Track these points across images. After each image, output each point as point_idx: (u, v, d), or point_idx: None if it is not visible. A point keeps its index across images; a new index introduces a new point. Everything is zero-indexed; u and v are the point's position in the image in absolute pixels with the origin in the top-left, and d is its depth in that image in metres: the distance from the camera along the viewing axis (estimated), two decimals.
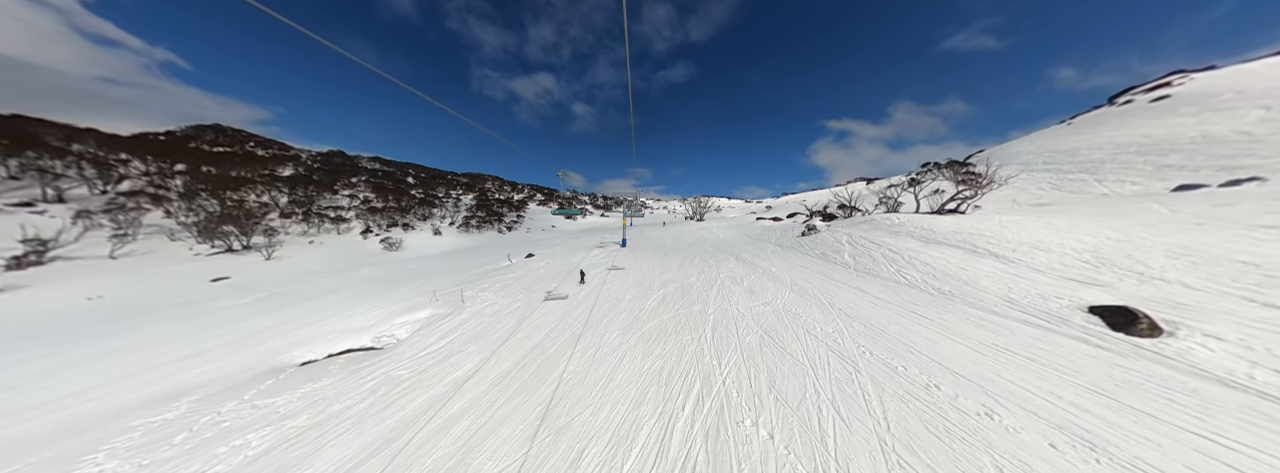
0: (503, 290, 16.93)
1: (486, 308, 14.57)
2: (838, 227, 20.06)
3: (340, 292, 24.05)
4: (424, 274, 28.07)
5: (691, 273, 15.65)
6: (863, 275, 12.61)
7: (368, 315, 17.77)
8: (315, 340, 15.46)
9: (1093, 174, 27.80)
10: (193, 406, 8.35)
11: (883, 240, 15.64)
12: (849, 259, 14.66)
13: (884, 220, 18.75)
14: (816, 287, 11.86)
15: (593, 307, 12.29)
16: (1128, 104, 41.08)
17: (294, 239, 46.42)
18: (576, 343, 9.31)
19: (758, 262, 16.73)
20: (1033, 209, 22.23)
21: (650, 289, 13.57)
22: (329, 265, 35.46)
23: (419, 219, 60.80)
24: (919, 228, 16.39)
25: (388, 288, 23.58)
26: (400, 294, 21.11)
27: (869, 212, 23.32)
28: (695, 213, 53.11)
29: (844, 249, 15.98)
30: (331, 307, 20.43)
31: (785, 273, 14.05)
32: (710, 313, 10.20)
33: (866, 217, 21.24)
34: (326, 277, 30.11)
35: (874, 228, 18.17)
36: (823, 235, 19.10)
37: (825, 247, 17.18)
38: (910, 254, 13.40)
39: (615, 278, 16.19)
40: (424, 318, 15.83)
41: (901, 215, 19.15)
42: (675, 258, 19.97)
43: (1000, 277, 10.52)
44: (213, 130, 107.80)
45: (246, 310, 21.23)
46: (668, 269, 16.94)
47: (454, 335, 12.41)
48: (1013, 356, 6.60)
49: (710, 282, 13.82)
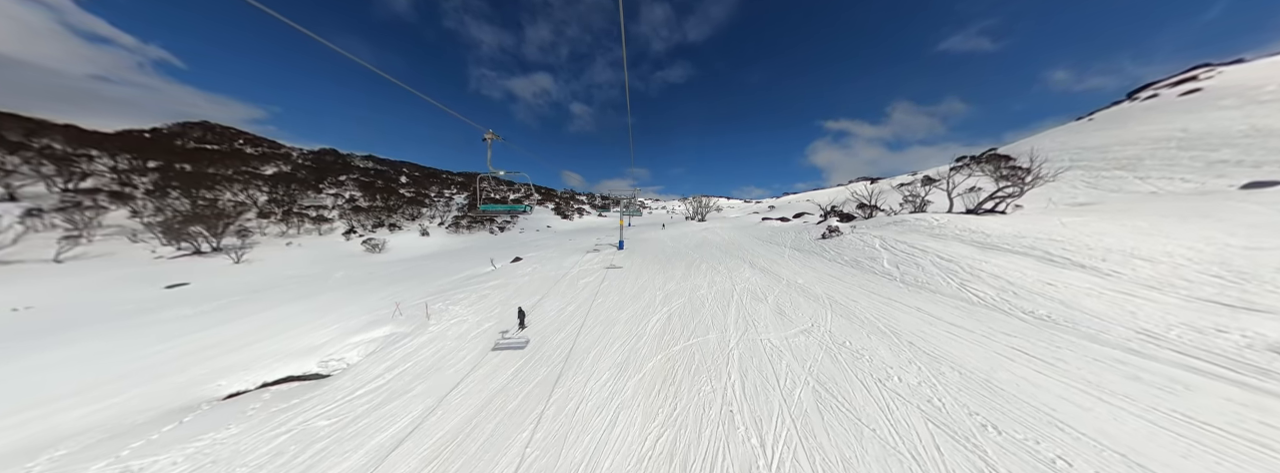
0: (477, 303, 14.44)
1: (452, 327, 12.08)
2: (864, 228, 17.63)
3: (305, 301, 21.53)
4: (401, 280, 25.55)
5: (700, 283, 13.19)
6: (916, 290, 10.16)
7: (325, 331, 15.29)
8: (255, 363, 12.97)
9: (1131, 171, 25.50)
10: (47, 468, 5.95)
11: (926, 245, 13.21)
12: (890, 268, 12.22)
13: (919, 221, 16.34)
14: (863, 306, 9.40)
15: (581, 328, 9.81)
16: (1152, 99, 38.88)
17: (271, 240, 43.75)
18: (553, 388, 6.83)
19: (777, 269, 14.27)
20: (1079, 209, 19.89)
21: (651, 305, 11.10)
22: (303, 269, 32.87)
23: (407, 219, 58.17)
24: (966, 230, 13.97)
25: (357, 297, 21.07)
26: (367, 304, 18.61)
27: (896, 210, 20.91)
28: (696, 213, 50.68)
29: (880, 256, 13.53)
30: (288, 319, 17.93)
31: (816, 285, 11.59)
32: (732, 344, 7.73)
33: (894, 217, 18.82)
34: (296, 283, 27.56)
35: (909, 230, 15.75)
36: (848, 238, 16.67)
37: (855, 252, 14.73)
38: (969, 264, 10.97)
39: (611, 287, 13.71)
40: (382, 337, 13.36)
41: (938, 216, 16.74)
42: (678, 263, 17.50)
43: (1106, 296, 8.09)
44: (201, 128, 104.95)
45: (194, 323, 18.65)
46: (671, 277, 14.48)
47: (404, 367, 9.92)
48: (1235, 440, 4.16)
49: (725, 296, 11.35)
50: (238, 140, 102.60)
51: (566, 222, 78.60)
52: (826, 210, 24.71)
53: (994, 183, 18.71)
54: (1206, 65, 41.86)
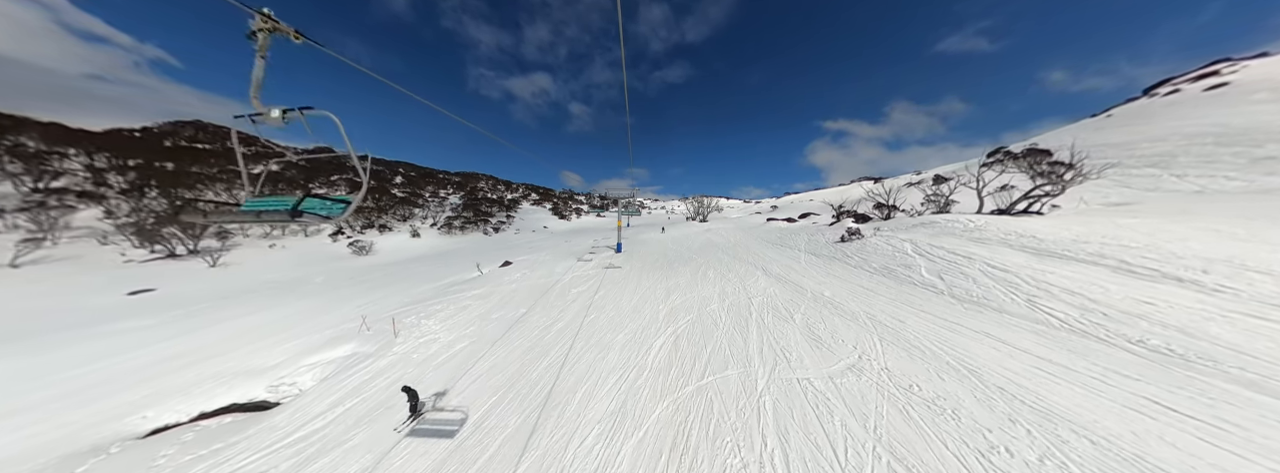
0: (453, 317, 12.68)
1: (419, 348, 10.33)
2: (888, 230, 15.88)
3: (275, 310, 19.75)
4: (382, 285, 23.77)
5: (709, 294, 11.43)
6: (975, 309, 8.40)
7: (286, 347, 13.53)
8: (199, 387, 11.20)
9: (1165, 169, 23.83)
10: None
11: (971, 252, 11.46)
12: (932, 279, 10.46)
13: (951, 223, 14.61)
14: (916, 330, 7.64)
15: (567, 356, 8.05)
16: (1174, 94, 37.24)
17: (253, 242, 41.89)
18: (523, 451, 5.08)
19: (797, 278, 12.52)
20: (1120, 210, 18.18)
21: (654, 324, 9.33)
22: (284, 273, 31.04)
23: (399, 220, 56.33)
24: (1011, 234, 12.24)
25: (331, 306, 19.29)
26: (338, 316, 16.84)
27: (920, 211, 19.17)
28: (697, 213, 48.94)
29: (915, 263, 11.78)
30: (252, 331, 16.15)
31: (849, 300, 9.83)
32: (761, 386, 5.97)
33: (918, 218, 17.09)
34: (272, 289, 25.70)
35: (943, 232, 14.02)
36: (871, 242, 14.92)
37: (883, 258, 12.99)
38: (1030, 274, 9.23)
39: (606, 299, 11.95)
40: (342, 357, 11.60)
41: (972, 217, 15.00)
42: (683, 269, 15.75)
43: (1235, 320, 6.35)
44: (193, 127, 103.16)
45: (148, 336, 16.83)
46: (675, 287, 12.72)
47: (352, 402, 8.18)
48: None
49: (741, 313, 9.60)
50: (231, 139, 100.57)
51: (564, 222, 76.88)
52: (839, 210, 22.93)
53: (1029, 180, 16.97)
54: (1227, 60, 40.25)
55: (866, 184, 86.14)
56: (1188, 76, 40.73)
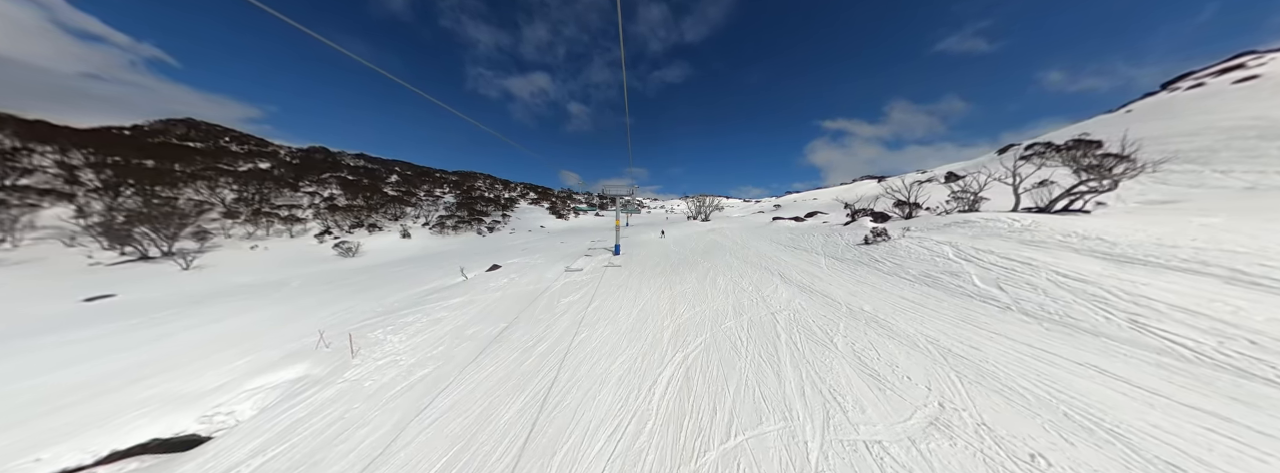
0: (422, 332, 10.93)
1: (373, 374, 8.57)
2: (918, 231, 14.17)
3: (239, 317, 17.98)
4: (361, 290, 22.00)
5: (723, 307, 9.70)
6: (1061, 331, 6.67)
7: (235, 364, 11.73)
8: (121, 416, 9.38)
9: (1206, 164, 22.17)
10: None
11: (1027, 256, 9.75)
12: (989, 289, 8.74)
13: (992, 223, 12.91)
14: (998, 360, 5.91)
15: (547, 394, 6.30)
16: (1198, 88, 35.59)
17: (235, 242, 40.08)
18: None
19: (824, 286, 10.78)
20: (1165, 208, 16.50)
21: (658, 349, 7.59)
22: (262, 275, 29.25)
23: (390, 219, 54.53)
24: (1073, 235, 10.54)
25: (300, 314, 17.52)
26: (305, 325, 15.07)
27: (947, 209, 17.45)
28: (699, 213, 47.24)
29: (962, 269, 10.06)
30: (205, 344, 14.36)
31: (896, 316, 8.09)
32: (816, 460, 4.24)
33: (949, 217, 15.39)
34: (246, 293, 23.90)
35: (985, 233, 12.31)
36: (902, 244, 13.20)
37: (921, 263, 11.26)
38: (1116, 285, 7.52)
39: (601, 311, 10.19)
40: (291, 380, 9.82)
41: (1014, 216, 13.29)
42: (688, 275, 14.02)
43: None
44: (185, 125, 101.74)
45: (91, 349, 15.03)
46: (681, 297, 10.99)
47: (278, 449, 6.42)
48: None
49: (765, 333, 7.87)
50: (224, 138, 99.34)
51: (561, 222, 75.18)
52: (854, 209, 21.21)
53: (1072, 176, 15.27)
54: (1252, 53, 38.62)
55: (870, 183, 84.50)
56: (1210, 70, 39.08)
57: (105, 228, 29.84)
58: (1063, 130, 41.58)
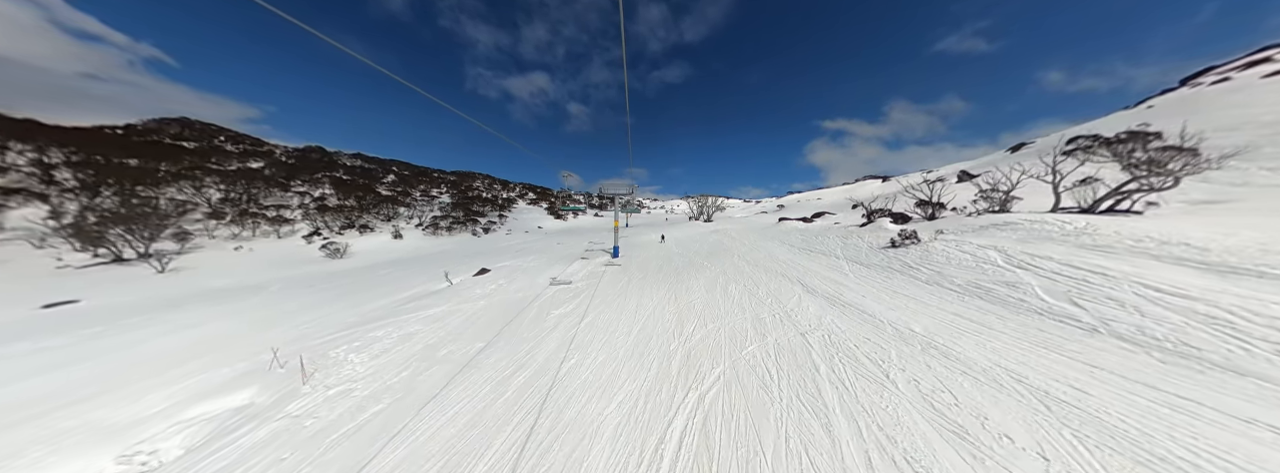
0: (390, 351, 9.41)
1: (321, 408, 7.05)
2: (953, 234, 12.68)
3: (201, 328, 16.41)
4: (339, 297, 20.46)
5: (741, 325, 8.20)
6: (1186, 368, 5.17)
7: (178, 387, 10.19)
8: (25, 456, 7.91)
9: (1250, 161, 20.71)
10: None
11: (1097, 265, 8.25)
12: (1061, 305, 7.24)
13: (1039, 225, 11.41)
14: (1127, 414, 4.41)
15: (526, 440, 4.79)
16: (1224, 82, 34.11)
17: (219, 243, 38.53)
18: None
19: (856, 299, 9.27)
20: (1216, 207, 15.04)
21: (664, 386, 6.08)
22: (242, 278, 27.73)
23: (383, 220, 53.00)
24: (1145, 240, 9.04)
25: (266, 324, 15.98)
26: (270, 338, 13.53)
27: (980, 210, 15.94)
28: (700, 213, 45.74)
29: (1020, 280, 8.56)
30: (156, 360, 12.79)
31: (959, 341, 6.59)
32: None
33: (982, 217, 13.91)
34: (221, 298, 22.34)
35: (1035, 237, 10.82)
36: (935, 248, 11.70)
37: (965, 271, 9.76)
38: (1238, 305, 6.02)
39: (596, 330, 8.68)
40: (233, 409, 8.29)
41: (1065, 217, 11.79)
42: (695, 282, 12.52)
43: None
44: (179, 124, 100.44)
45: (34, 364, 13.42)
46: (689, 310, 9.49)
47: None
48: None
49: (799, 363, 6.36)
50: (219, 137, 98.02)
51: (560, 222, 73.66)
52: (871, 209, 19.72)
53: (1121, 172, 13.77)
54: (1276, 46, 37.16)
55: (874, 183, 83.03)
56: (1233, 65, 37.60)
57: (76, 229, 28.29)
58: (1068, 129, 39.98)
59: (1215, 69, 38.82)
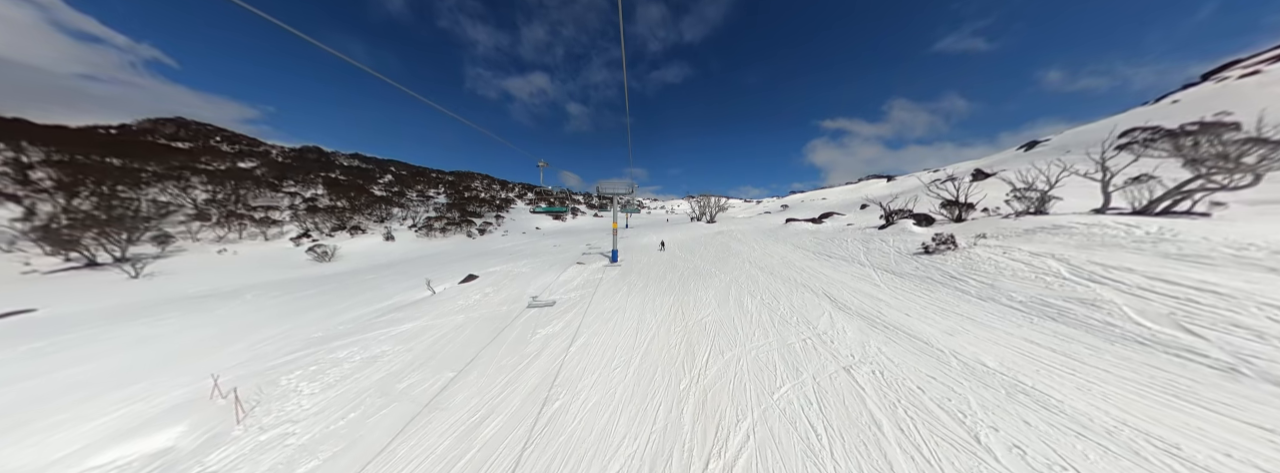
0: (346, 380, 7.94)
1: (247, 457, 5.55)
2: (996, 239, 11.20)
3: (156, 344, 14.84)
4: (319, 305, 18.97)
5: (765, 353, 6.72)
6: None
7: (101, 421, 8.72)
8: None
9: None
10: None
11: (1197, 280, 6.77)
12: (1171, 332, 5.76)
13: (1099, 229, 9.92)
14: None
15: None
16: (1254, 75, 32.63)
17: (203, 247, 37.06)
18: None
19: (898, 319, 7.79)
20: None
21: (673, 448, 4.60)
22: (214, 285, 26.24)
23: (376, 221, 51.52)
24: (1254, 248, 7.55)
25: (230, 338, 14.48)
26: (223, 358, 12.13)
27: (1017, 211, 14.45)
28: (703, 213, 44.27)
29: (1098, 296, 7.08)
30: (92, 383, 11.28)
31: (1048, 383, 5.11)
32: None
33: (1026, 220, 12.43)
34: (193, 307, 20.84)
35: (1096, 243, 9.33)
36: (977, 255, 10.23)
37: (1028, 285, 8.28)
38: None
39: (590, 360, 7.21)
40: (149, 455, 6.86)
41: (1126, 220, 10.30)
42: (704, 294, 11.04)
43: None
44: (174, 124, 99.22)
45: None
46: (700, 333, 8.01)
47: None
48: None
49: (845, 408, 4.89)
50: (215, 137, 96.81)
51: (559, 222, 72.18)
52: (890, 210, 18.26)
53: (1183, 168, 12.29)
54: None
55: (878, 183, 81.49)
56: (1262, 57, 36.06)
57: (45, 231, 26.82)
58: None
59: (1240, 63, 37.30)
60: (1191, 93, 35.10)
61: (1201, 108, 29.34)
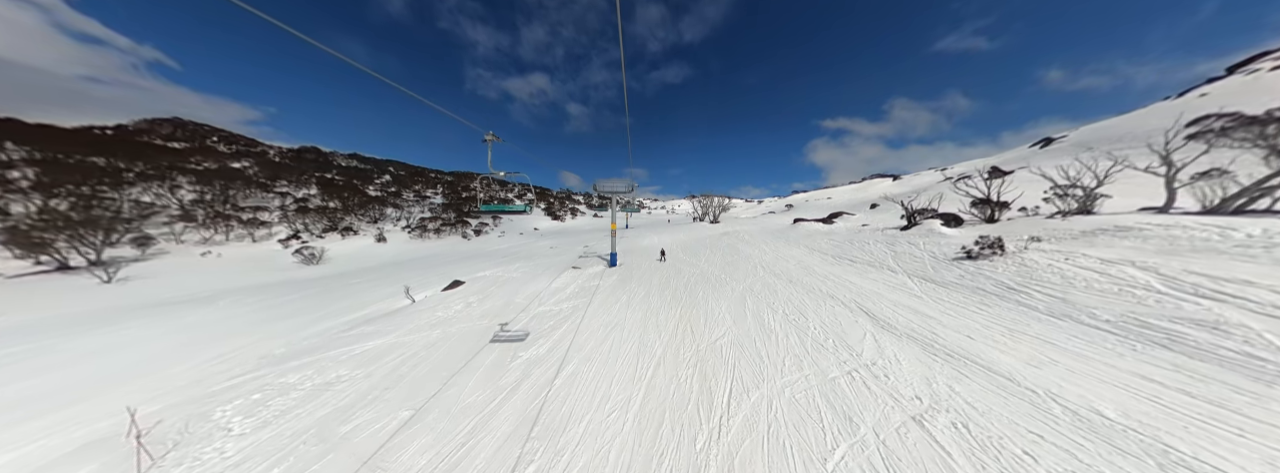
0: (284, 416, 6.48)
1: None
2: (1052, 243, 9.75)
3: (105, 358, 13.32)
4: (294, 313, 17.51)
5: (804, 391, 5.28)
6: None
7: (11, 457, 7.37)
8: None
9: None
10: None
11: None
12: None
13: (1179, 230, 8.47)
14: None
15: None
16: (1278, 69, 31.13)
17: (187, 249, 35.65)
18: None
19: (956, 343, 6.33)
20: None
21: None
22: (193, 290, 24.82)
23: (369, 222, 50.11)
24: None
25: (184, 353, 12.98)
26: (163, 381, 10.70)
27: (1060, 212, 12.97)
28: (706, 213, 42.84)
29: (1219, 318, 5.62)
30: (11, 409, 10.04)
31: (1224, 457, 3.65)
32: None
33: (1078, 221, 10.97)
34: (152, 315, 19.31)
35: (1181, 248, 7.88)
36: (1037, 262, 8.78)
37: (1111, 300, 6.82)
38: None
39: (577, 395, 5.78)
40: None
41: (1207, 221, 8.84)
42: (715, 305, 9.60)
43: None
44: (171, 123, 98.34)
45: None
46: (716, 363, 6.57)
47: None
48: None
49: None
50: (211, 137, 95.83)
51: (557, 222, 70.81)
52: (912, 210, 16.81)
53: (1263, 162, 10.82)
54: None
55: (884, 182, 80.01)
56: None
57: (12, 233, 25.42)
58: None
59: (1270, 54, 35.74)
60: (1223, 85, 33.58)
61: (1238, 98, 27.87)
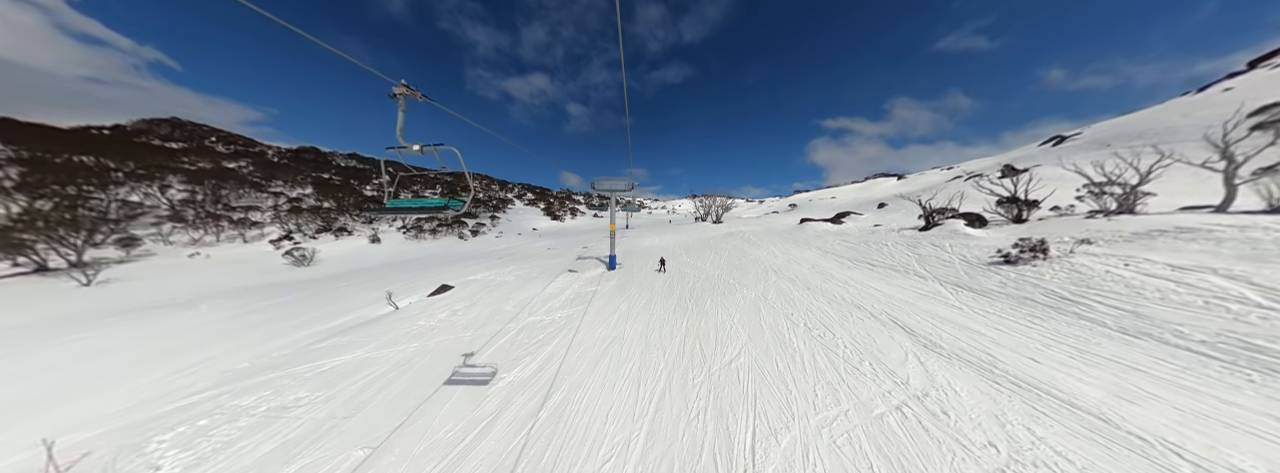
0: (238, 443, 5.39)
1: None
2: (1105, 245, 8.71)
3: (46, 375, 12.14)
4: (275, 319, 16.47)
5: (845, 436, 4.26)
6: None
7: None
8: None
9: None
10: None
11: None
12: None
13: (1258, 232, 7.42)
14: None
15: None
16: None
17: (175, 250, 34.66)
18: None
19: (1025, 369, 5.30)
20: None
21: None
22: (175, 293, 23.81)
23: (364, 222, 49.11)
24: None
25: (149, 366, 11.96)
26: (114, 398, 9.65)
27: (1103, 210, 11.93)
28: (708, 214, 41.80)
29: None
30: None
31: None
32: None
33: (1130, 221, 9.94)
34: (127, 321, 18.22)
35: (1264, 254, 6.82)
36: (1092, 268, 7.75)
37: (1199, 316, 5.79)
38: None
39: (564, 440, 4.76)
40: None
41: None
42: (726, 316, 8.57)
43: None
44: (169, 124, 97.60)
45: None
46: (734, 395, 5.55)
47: None
48: None
49: None
50: (210, 137, 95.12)
51: (556, 222, 69.83)
52: (931, 209, 15.78)
53: None
54: None
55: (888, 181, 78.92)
56: None
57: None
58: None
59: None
60: (1247, 80, 32.51)
61: (1265, 93, 26.79)
